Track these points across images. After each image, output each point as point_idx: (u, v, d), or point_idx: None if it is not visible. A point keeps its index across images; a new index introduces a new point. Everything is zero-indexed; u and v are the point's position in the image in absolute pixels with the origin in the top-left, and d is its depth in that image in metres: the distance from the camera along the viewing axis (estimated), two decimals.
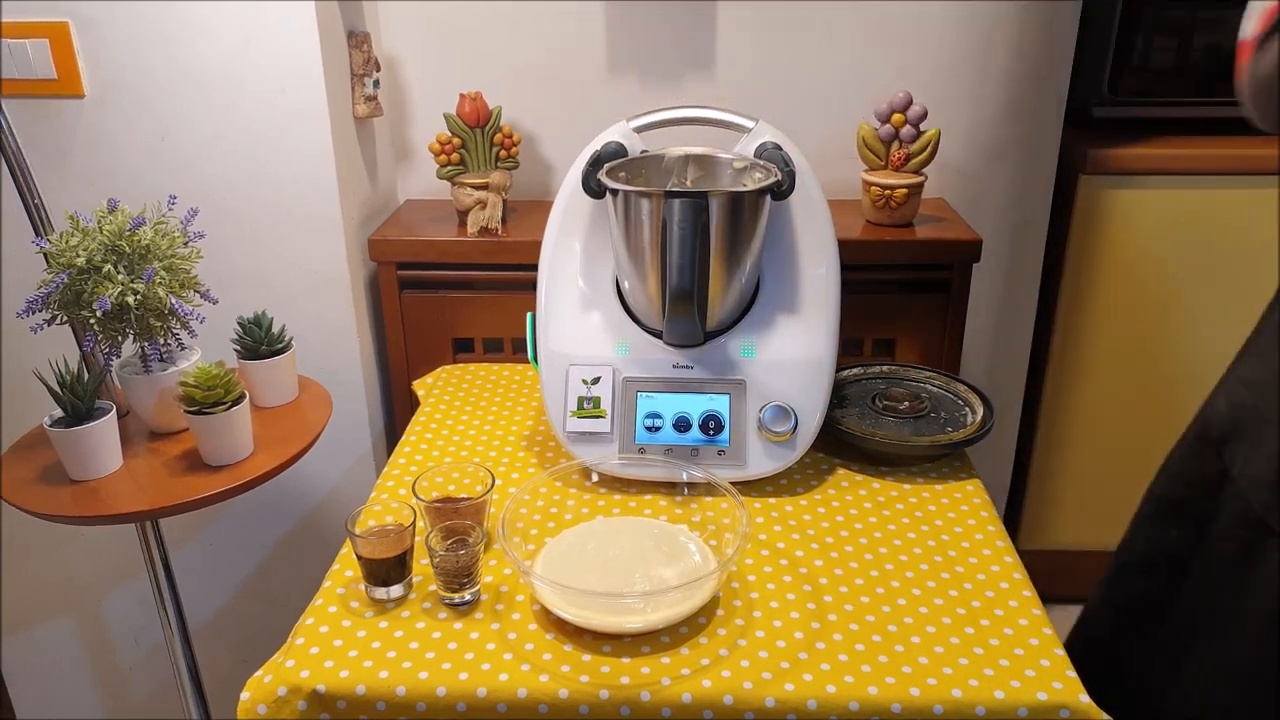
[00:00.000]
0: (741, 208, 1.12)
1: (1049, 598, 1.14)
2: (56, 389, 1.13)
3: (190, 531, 1.68)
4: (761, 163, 1.19)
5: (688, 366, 1.19)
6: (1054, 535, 1.96)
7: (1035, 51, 1.62)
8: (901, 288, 1.54)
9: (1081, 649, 1.06)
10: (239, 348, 1.31)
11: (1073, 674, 0.88)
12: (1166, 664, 1.01)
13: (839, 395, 1.30)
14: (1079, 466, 1.88)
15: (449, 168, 1.55)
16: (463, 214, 1.57)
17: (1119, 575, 1.12)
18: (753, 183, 1.17)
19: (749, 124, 1.24)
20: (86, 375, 1.16)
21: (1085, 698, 0.85)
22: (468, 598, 0.98)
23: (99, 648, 1.82)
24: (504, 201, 1.56)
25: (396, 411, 1.65)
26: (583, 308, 1.23)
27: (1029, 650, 0.91)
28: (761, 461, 1.16)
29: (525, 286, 1.45)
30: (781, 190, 1.13)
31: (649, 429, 1.17)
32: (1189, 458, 1.03)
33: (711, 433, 1.16)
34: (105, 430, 1.16)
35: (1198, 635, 0.99)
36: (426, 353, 1.58)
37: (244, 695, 0.91)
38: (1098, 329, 1.80)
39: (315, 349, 1.54)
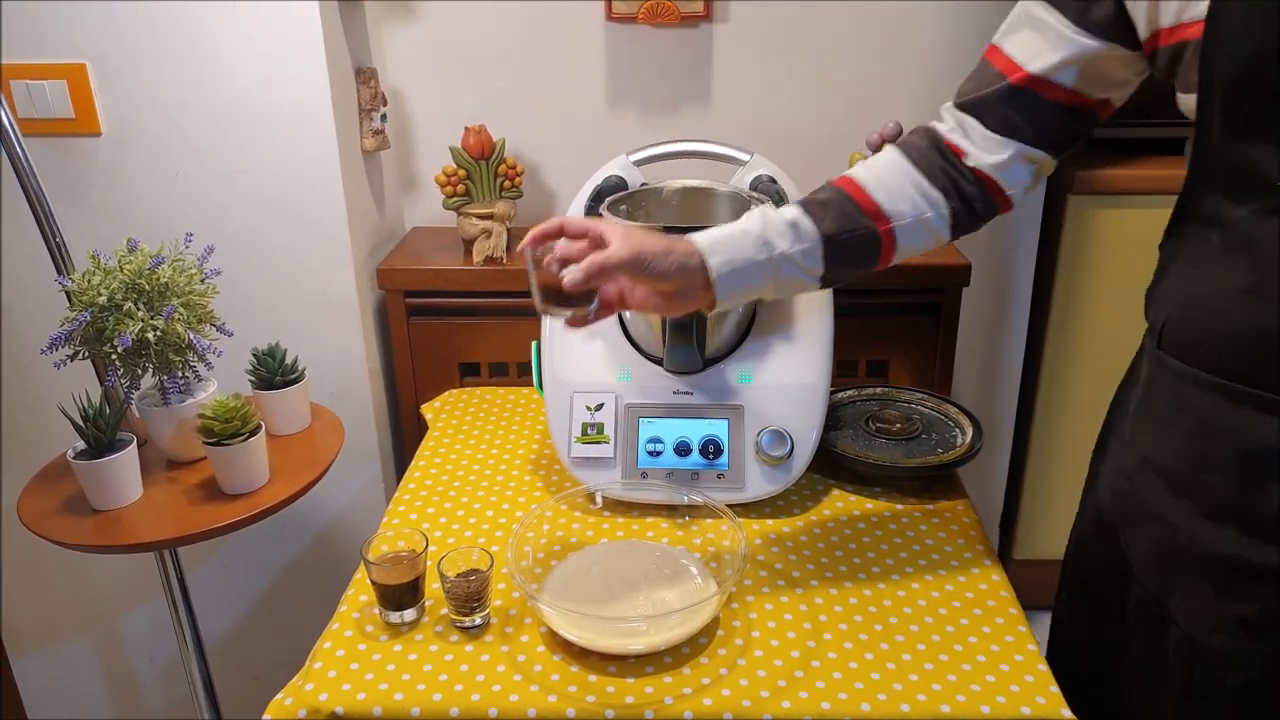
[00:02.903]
0: None
1: (1043, 605, 1.18)
2: (80, 423, 1.17)
3: (205, 552, 1.73)
4: (757, 195, 1.23)
5: (688, 393, 1.23)
6: (1047, 545, 2.00)
7: None
8: (894, 311, 1.59)
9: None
10: (254, 378, 1.36)
11: (1055, 689, 0.92)
12: None
13: (834, 417, 1.34)
14: (1071, 479, 1.91)
15: (455, 199, 1.60)
16: (468, 243, 1.62)
17: (1054, 663, 1.06)
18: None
19: (744, 157, 1.29)
20: (108, 409, 1.20)
21: (1067, 711, 0.90)
22: (478, 621, 1.02)
23: (115, 665, 1.86)
24: (508, 230, 1.61)
25: (405, 435, 1.69)
26: (585, 336, 1.28)
27: (1014, 666, 0.95)
28: (759, 484, 1.20)
29: (529, 312, 1.49)
30: None
31: (651, 453, 1.21)
32: (1092, 544, 1.03)
33: (711, 457, 1.20)
34: (126, 462, 1.20)
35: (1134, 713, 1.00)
36: (434, 377, 1.63)
37: (265, 718, 0.95)
38: (1087, 346, 1.84)
39: (326, 375, 1.58)
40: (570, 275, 0.92)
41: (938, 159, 0.99)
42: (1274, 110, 0.77)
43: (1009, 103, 0.95)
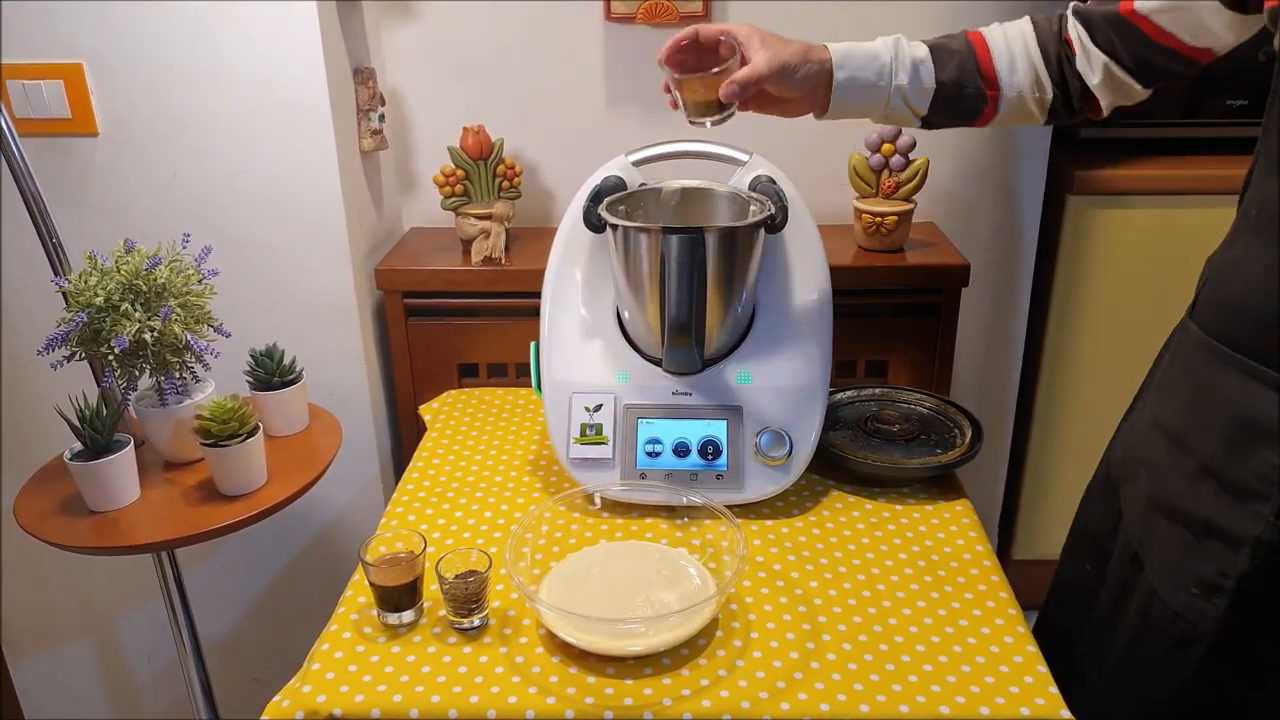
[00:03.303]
0: (737, 241, 1.16)
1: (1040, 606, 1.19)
2: (77, 424, 1.17)
3: (203, 553, 1.72)
4: (756, 195, 1.23)
5: (687, 393, 1.23)
6: (1046, 546, 2.00)
7: None
8: (893, 311, 1.59)
9: None
10: (251, 379, 1.36)
11: (1054, 690, 0.92)
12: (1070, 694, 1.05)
13: (833, 418, 1.34)
14: (1070, 479, 1.92)
15: (453, 199, 1.60)
16: (466, 243, 1.62)
17: (1046, 606, 1.18)
18: (748, 216, 1.21)
19: (743, 157, 1.28)
20: (105, 410, 1.20)
21: (1066, 713, 0.90)
22: (477, 623, 1.02)
23: (113, 666, 1.86)
24: (506, 231, 1.60)
25: (404, 436, 1.69)
26: (584, 336, 1.27)
27: (1013, 667, 0.95)
28: (758, 485, 1.20)
29: (528, 313, 1.50)
30: (775, 224, 1.17)
31: (649, 454, 1.21)
32: (1098, 498, 1.09)
33: (710, 458, 1.20)
34: (124, 463, 1.20)
35: (1091, 666, 1.04)
36: (432, 378, 1.62)
37: None
38: (1086, 346, 1.84)
39: (324, 376, 1.58)
40: (726, 90, 1.05)
41: (1056, 47, 1.06)
42: None
43: (1114, 27, 1.01)
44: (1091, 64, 1.04)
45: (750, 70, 1.05)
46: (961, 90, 1.08)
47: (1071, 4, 1.07)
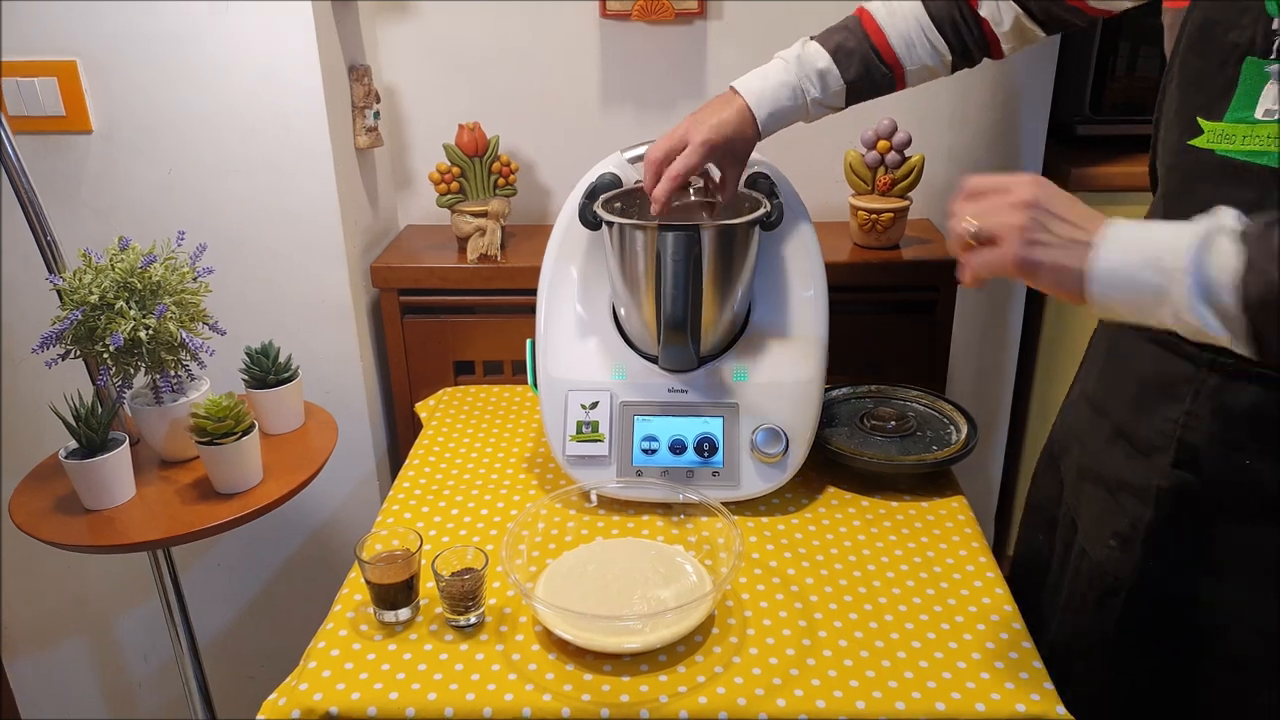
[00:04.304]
0: (733, 239, 1.16)
1: None
2: (72, 422, 1.17)
3: (199, 552, 1.72)
4: (752, 193, 1.23)
5: (682, 390, 1.23)
6: None
7: (1017, 71, 1.67)
8: (889, 308, 1.59)
9: None
10: (247, 377, 1.35)
11: (1050, 686, 0.92)
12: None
13: (828, 414, 1.34)
14: None
15: (448, 196, 1.60)
16: (462, 240, 1.61)
17: (1010, 580, 1.21)
18: (743, 214, 1.21)
19: None
20: (100, 408, 1.20)
21: (1061, 709, 0.90)
22: (473, 620, 1.02)
23: (109, 666, 1.86)
24: (502, 228, 1.60)
25: (399, 433, 1.69)
26: (580, 334, 1.27)
27: (1009, 664, 0.95)
28: (754, 482, 1.20)
29: (524, 310, 1.49)
30: (770, 221, 1.17)
31: (645, 452, 1.21)
32: (1043, 472, 1.18)
33: (706, 455, 1.20)
34: (119, 461, 1.20)
35: (1046, 630, 1.09)
36: (428, 376, 1.62)
37: (259, 718, 0.94)
38: (1081, 343, 1.83)
39: (320, 374, 1.58)
40: (662, 200, 1.12)
41: (950, 10, 1.14)
42: (1208, 75, 0.87)
43: None
44: (1002, 14, 1.12)
45: (675, 165, 1.12)
46: (870, 79, 1.16)
47: None
